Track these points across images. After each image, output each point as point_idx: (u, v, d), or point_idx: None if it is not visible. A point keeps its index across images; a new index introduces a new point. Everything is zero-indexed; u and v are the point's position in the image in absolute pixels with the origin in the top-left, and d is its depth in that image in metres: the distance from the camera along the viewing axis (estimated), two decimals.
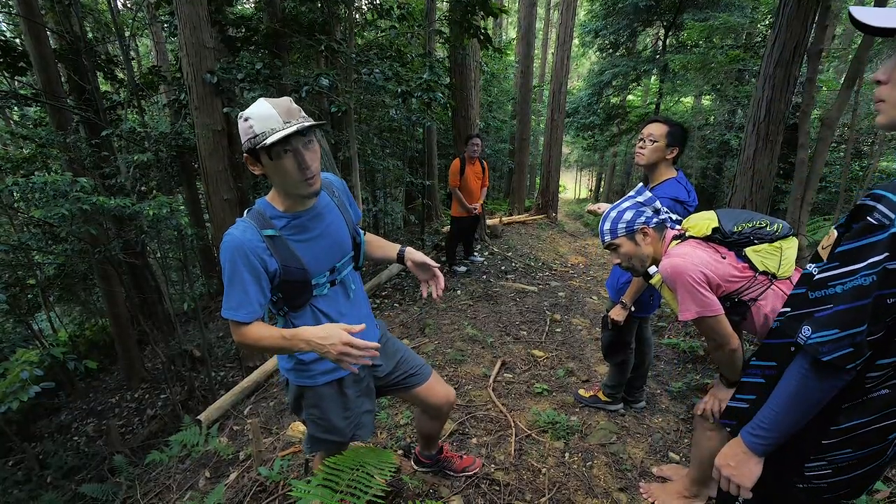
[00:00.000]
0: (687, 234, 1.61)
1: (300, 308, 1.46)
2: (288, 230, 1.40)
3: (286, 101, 1.28)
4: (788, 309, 1.08)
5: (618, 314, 2.46)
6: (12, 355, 3.47)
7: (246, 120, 1.26)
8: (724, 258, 1.52)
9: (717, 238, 1.55)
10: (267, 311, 1.52)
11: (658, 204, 1.69)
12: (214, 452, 3.07)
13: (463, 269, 6.15)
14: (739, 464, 1.14)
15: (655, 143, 2.25)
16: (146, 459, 3.46)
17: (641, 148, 2.31)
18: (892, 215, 0.87)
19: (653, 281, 1.70)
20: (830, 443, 1.03)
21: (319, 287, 1.47)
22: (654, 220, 1.67)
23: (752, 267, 1.50)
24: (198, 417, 3.58)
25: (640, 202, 1.68)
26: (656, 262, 1.72)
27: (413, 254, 1.71)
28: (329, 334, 1.26)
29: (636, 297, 2.42)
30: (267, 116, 1.24)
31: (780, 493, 1.16)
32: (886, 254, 0.87)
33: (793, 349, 1.05)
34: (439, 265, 1.73)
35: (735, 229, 1.52)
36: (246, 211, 1.42)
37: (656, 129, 2.27)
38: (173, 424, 5.13)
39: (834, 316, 0.93)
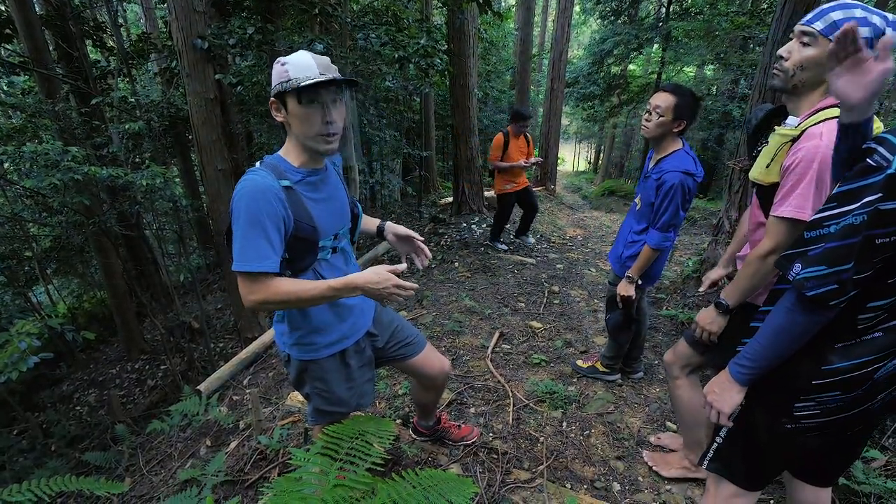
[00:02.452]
0: None
1: (303, 272, 1.43)
2: (302, 185, 1.37)
3: (326, 58, 1.32)
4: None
5: (626, 290, 2.41)
6: (10, 327, 3.46)
7: (283, 64, 1.28)
8: None
9: None
10: None
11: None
12: (215, 422, 3.10)
13: (503, 246, 5.85)
14: (722, 391, 1.21)
15: (661, 118, 2.14)
16: (148, 428, 3.50)
17: (647, 120, 2.21)
18: (891, 157, 0.88)
19: (782, 130, 1.36)
20: (820, 383, 1.05)
21: (324, 251, 1.45)
22: None
23: None
24: (198, 388, 3.61)
25: (885, 32, 1.19)
26: (800, 99, 1.36)
27: (394, 227, 1.72)
28: (382, 278, 1.30)
29: (643, 270, 2.37)
30: (305, 65, 1.27)
31: (768, 433, 1.19)
32: (880, 194, 0.88)
33: None
34: (424, 239, 1.72)
35: None
36: (259, 162, 1.37)
37: (663, 101, 2.13)
38: (174, 395, 5.20)
39: (824, 253, 0.95)
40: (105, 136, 5.68)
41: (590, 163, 32.01)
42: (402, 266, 1.35)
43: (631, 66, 16.69)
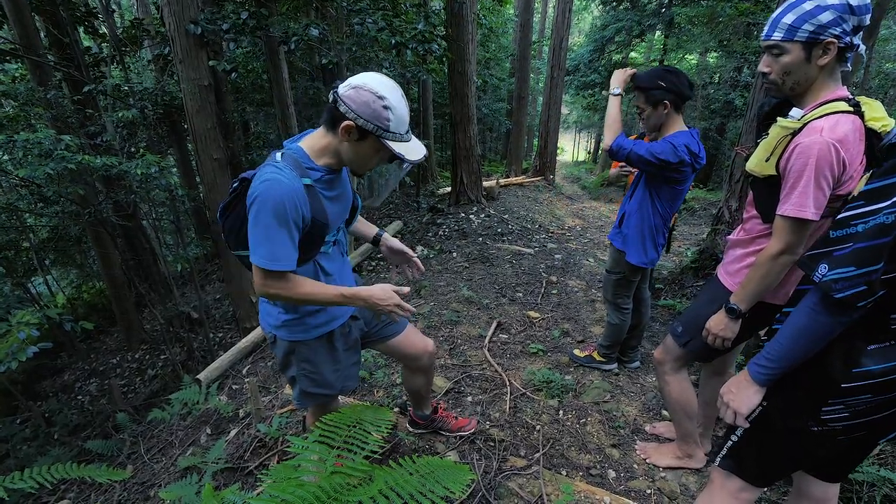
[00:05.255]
0: (862, 107, 1.26)
1: (304, 263, 1.45)
2: (320, 183, 1.39)
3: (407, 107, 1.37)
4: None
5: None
6: (9, 317, 3.47)
7: (386, 108, 1.28)
8: (862, 163, 1.26)
9: (873, 135, 1.24)
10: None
11: (867, 20, 1.22)
12: (215, 410, 3.13)
13: None
14: (740, 390, 1.17)
15: (644, 112, 2.23)
16: (148, 417, 3.53)
17: (640, 119, 2.30)
18: None
19: (783, 122, 1.31)
20: (850, 386, 1.01)
21: (326, 245, 1.49)
22: (848, 39, 1.22)
23: None
24: (197, 377, 3.63)
25: (849, 4, 1.18)
26: (804, 96, 1.34)
27: (389, 241, 1.80)
28: (387, 296, 1.43)
29: (607, 126, 2.29)
30: (403, 119, 1.33)
31: (791, 436, 1.15)
32: None
33: None
34: (418, 256, 1.77)
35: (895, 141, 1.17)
36: (279, 154, 1.36)
37: (639, 100, 2.23)
38: (174, 384, 5.22)
39: (852, 254, 0.92)
40: (98, 124, 5.64)
41: (590, 153, 31.84)
42: (406, 289, 1.46)
43: (633, 54, 16.54)
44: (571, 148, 35.63)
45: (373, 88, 1.27)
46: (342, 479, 1.34)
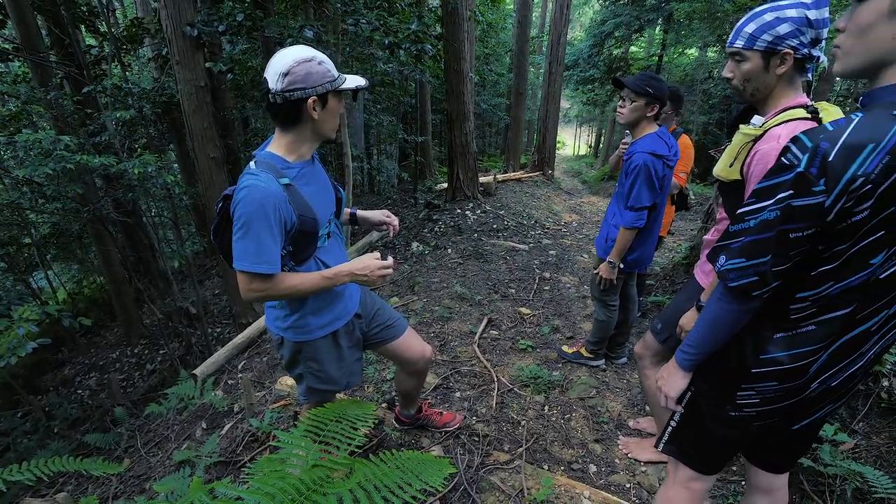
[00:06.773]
0: (820, 114, 1.32)
1: (305, 262, 1.50)
2: (298, 179, 1.43)
3: None
4: None
5: (606, 272, 2.52)
6: (10, 313, 3.54)
7: (321, 63, 1.35)
8: None
9: None
10: None
11: (825, 34, 1.28)
12: (210, 405, 3.19)
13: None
14: (669, 375, 1.29)
15: (634, 103, 2.25)
16: (146, 411, 3.60)
17: (622, 107, 2.31)
18: (801, 156, 0.92)
19: (745, 129, 1.39)
20: (759, 372, 1.11)
21: (321, 238, 1.52)
22: (805, 51, 1.29)
23: None
24: (193, 372, 3.69)
25: (807, 18, 1.25)
26: (765, 103, 1.40)
27: (366, 214, 1.86)
28: (366, 265, 1.48)
29: (622, 255, 2.45)
30: (331, 63, 1.40)
31: (714, 420, 1.24)
32: (791, 191, 0.93)
33: None
34: (396, 219, 1.86)
35: None
36: (252, 163, 1.40)
37: (630, 94, 2.25)
38: (172, 378, 5.30)
39: (743, 246, 1.02)
40: (98, 123, 5.69)
41: (591, 146, 31.77)
42: (390, 261, 1.49)
43: (632, 49, 16.46)
44: (572, 142, 35.55)
45: (300, 59, 1.32)
46: (323, 472, 1.39)
